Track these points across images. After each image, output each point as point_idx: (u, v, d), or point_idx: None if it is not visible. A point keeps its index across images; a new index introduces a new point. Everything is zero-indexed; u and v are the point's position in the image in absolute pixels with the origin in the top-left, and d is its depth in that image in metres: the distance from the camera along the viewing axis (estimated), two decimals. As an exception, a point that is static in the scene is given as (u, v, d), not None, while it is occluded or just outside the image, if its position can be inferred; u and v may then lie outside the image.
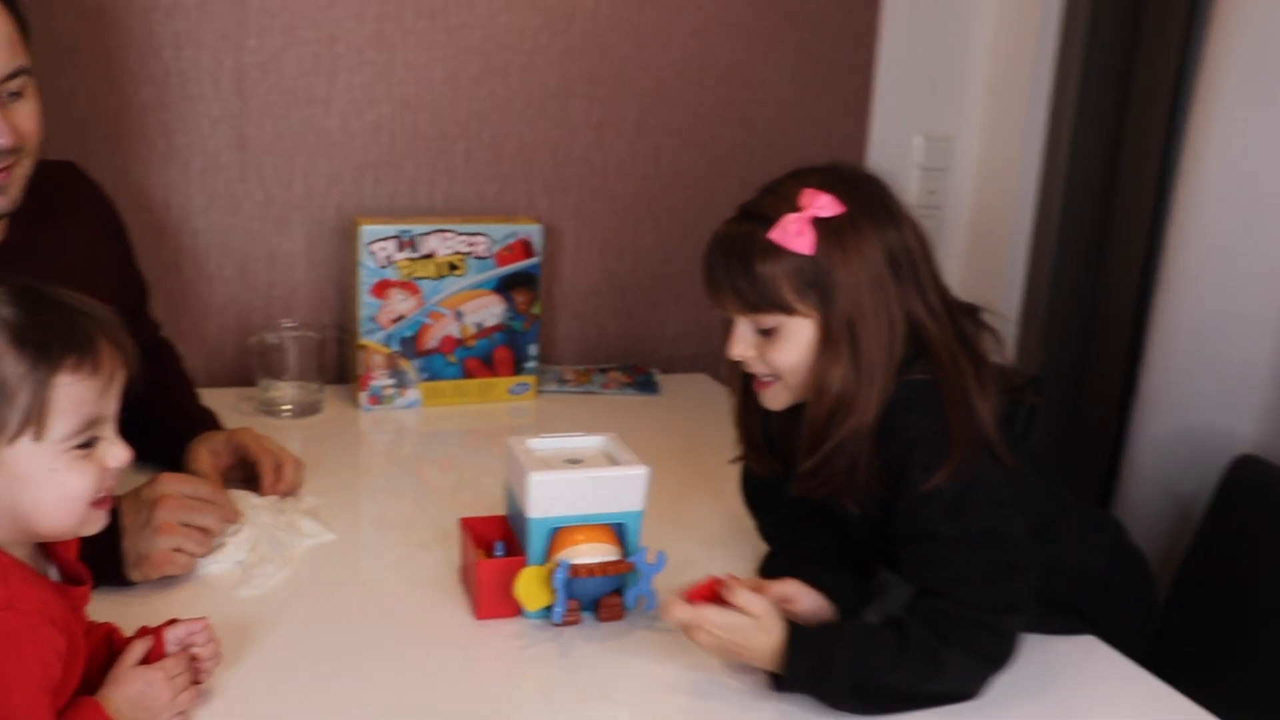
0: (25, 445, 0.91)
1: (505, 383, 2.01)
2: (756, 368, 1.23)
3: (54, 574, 1.02)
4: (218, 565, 1.34)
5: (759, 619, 1.12)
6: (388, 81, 1.97)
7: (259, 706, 1.10)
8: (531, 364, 2.02)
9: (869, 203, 1.18)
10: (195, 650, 1.08)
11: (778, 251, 1.16)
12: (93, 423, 0.94)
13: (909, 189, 2.31)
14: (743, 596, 1.13)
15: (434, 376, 1.96)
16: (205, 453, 1.52)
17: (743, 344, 1.22)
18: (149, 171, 1.90)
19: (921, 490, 1.14)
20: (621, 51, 2.06)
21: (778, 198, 1.19)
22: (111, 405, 0.97)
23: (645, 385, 2.10)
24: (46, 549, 1.02)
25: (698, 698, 1.15)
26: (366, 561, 1.42)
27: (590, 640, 1.23)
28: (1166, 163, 2.01)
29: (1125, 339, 2.14)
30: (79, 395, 0.92)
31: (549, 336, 2.17)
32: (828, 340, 1.17)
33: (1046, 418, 2.32)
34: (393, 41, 1.95)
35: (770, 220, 1.16)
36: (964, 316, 1.22)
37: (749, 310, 1.20)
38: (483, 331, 1.97)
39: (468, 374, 1.98)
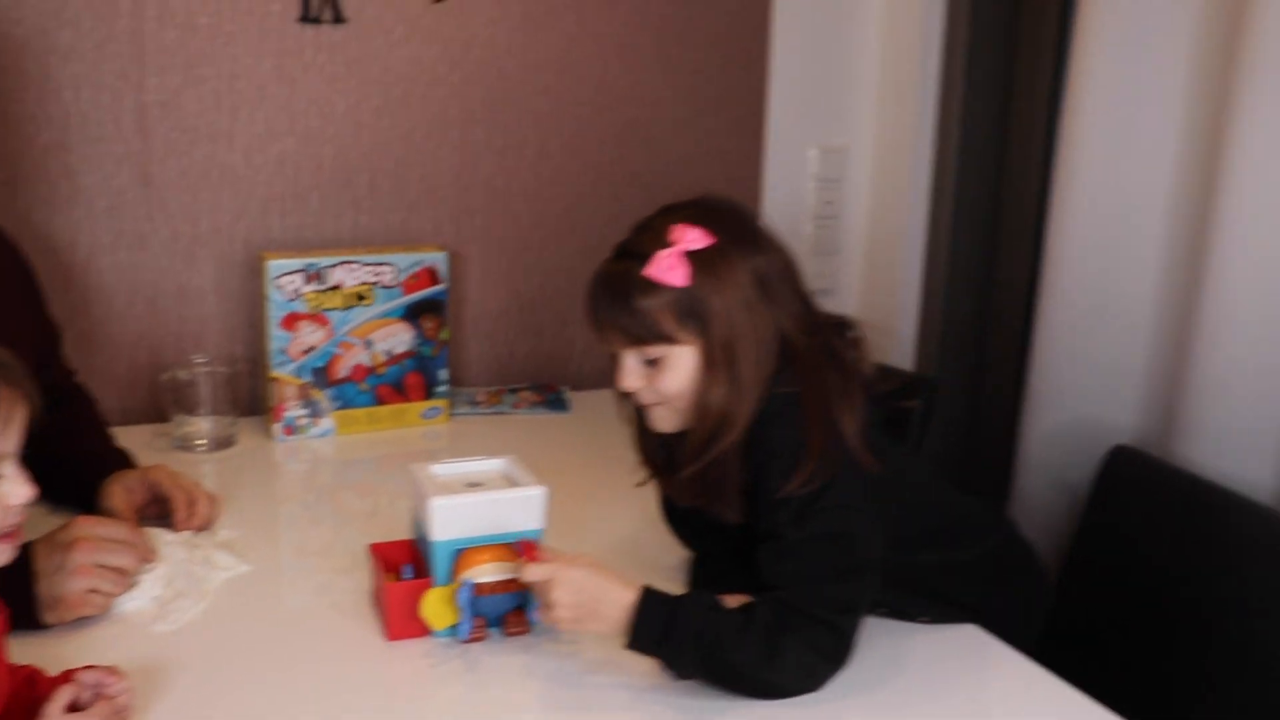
0: None
1: (417, 408, 2.05)
2: (646, 397, 1.31)
3: None
4: (134, 602, 1.37)
5: (606, 574, 1.20)
6: (290, 115, 2.00)
7: (174, 738, 1.14)
8: (443, 388, 2.06)
9: (736, 232, 1.27)
10: (111, 695, 1.11)
11: (654, 286, 1.23)
12: None
13: (806, 200, 2.40)
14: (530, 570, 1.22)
15: (347, 405, 1.99)
16: (119, 490, 1.54)
17: (631, 375, 1.29)
18: (53, 213, 1.92)
19: (775, 497, 1.22)
20: (519, 78, 2.12)
21: (650, 234, 1.27)
22: (8, 443, 1.00)
23: (555, 403, 2.15)
24: None
25: (605, 707, 1.20)
26: (282, 590, 1.45)
27: (497, 655, 1.28)
28: (1050, 168, 2.11)
29: (1017, 339, 2.24)
30: None
31: (461, 359, 2.21)
32: (709, 364, 1.25)
33: (949, 417, 2.41)
34: (293, 76, 1.98)
35: (645, 257, 1.24)
36: (831, 331, 1.31)
37: (634, 343, 1.27)
38: (393, 359, 2.01)
39: (380, 401, 2.02)
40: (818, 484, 1.21)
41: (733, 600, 1.26)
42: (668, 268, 1.23)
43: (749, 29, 2.25)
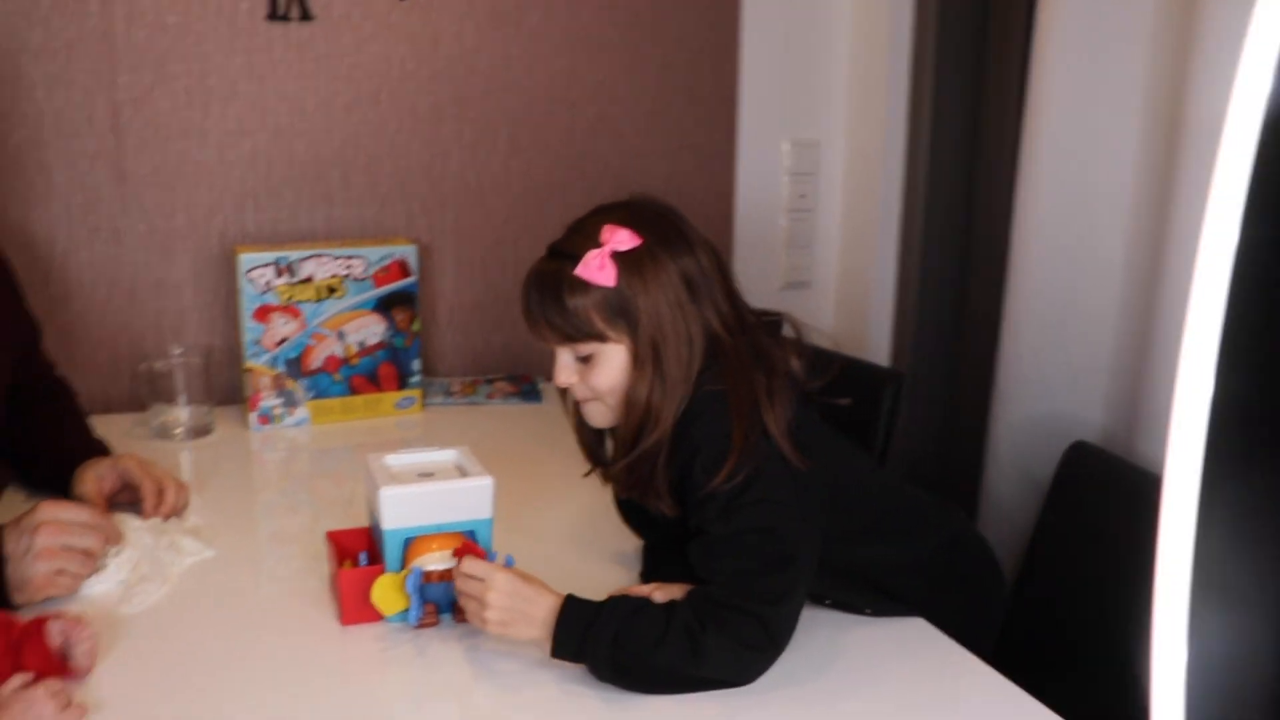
0: None
1: (391, 398, 2.09)
2: (580, 392, 1.36)
3: None
4: (100, 585, 1.41)
5: (535, 582, 1.25)
6: (261, 111, 2.04)
7: (131, 715, 1.17)
8: (415, 379, 2.10)
9: (664, 233, 1.30)
10: (75, 644, 1.18)
11: (585, 285, 1.27)
12: None
13: (780, 193, 2.42)
14: (468, 563, 1.27)
15: (321, 395, 2.03)
16: (91, 478, 1.59)
17: (565, 371, 1.34)
18: (29, 209, 1.96)
19: (701, 492, 1.25)
20: (488, 73, 2.15)
21: (581, 235, 1.31)
22: None
23: (529, 394, 2.19)
24: None
25: (549, 689, 1.24)
26: (245, 576, 1.49)
27: (447, 640, 1.31)
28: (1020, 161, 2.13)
29: (992, 333, 2.26)
30: None
31: (437, 350, 2.25)
32: (636, 361, 1.29)
33: (923, 412, 2.44)
34: (263, 73, 2.02)
35: (576, 257, 1.28)
36: (759, 330, 1.34)
37: (566, 340, 1.32)
38: (365, 350, 2.04)
39: (354, 391, 2.05)
40: (742, 478, 1.24)
41: (674, 592, 1.29)
42: (597, 268, 1.26)
43: (719, 22, 2.28)
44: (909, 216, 2.37)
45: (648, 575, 1.46)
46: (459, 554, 1.30)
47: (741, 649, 1.21)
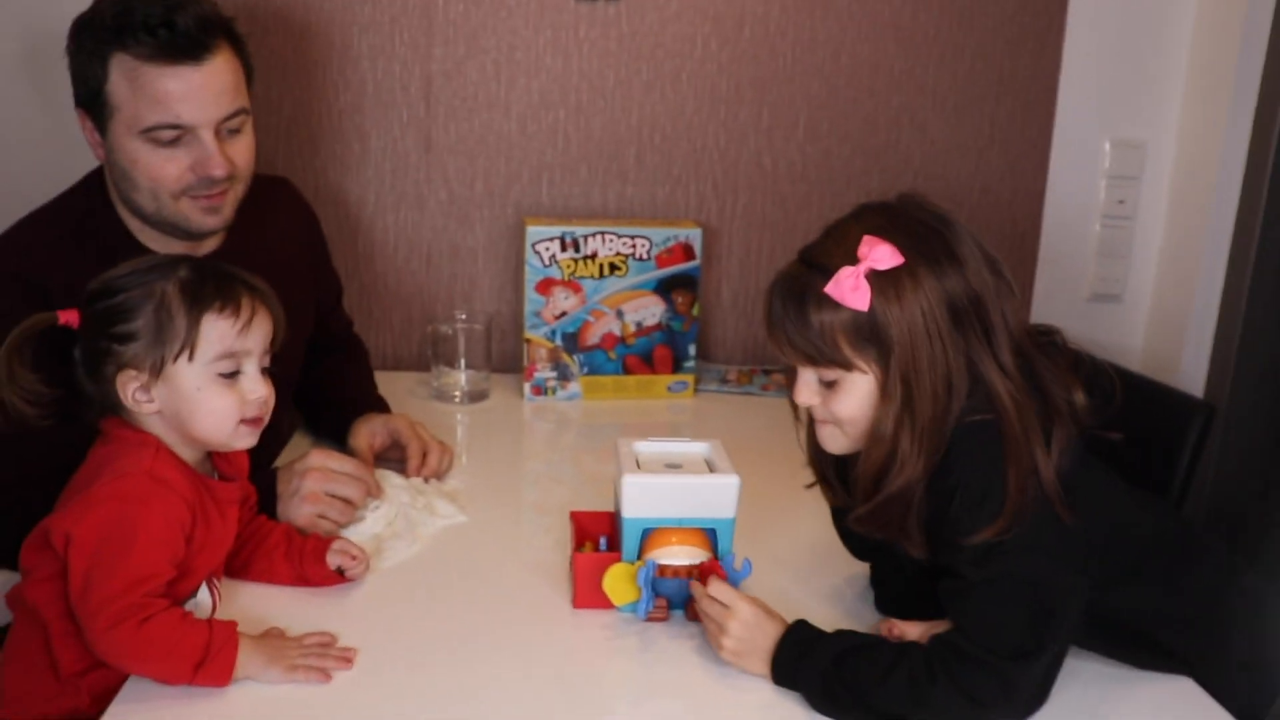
0: (182, 365, 1.20)
1: (664, 380, 2.08)
2: (819, 414, 1.24)
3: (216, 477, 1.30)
4: (355, 536, 1.46)
5: (770, 612, 1.20)
6: (563, 87, 2.07)
7: (364, 665, 1.21)
8: (690, 363, 2.08)
9: (931, 249, 1.15)
10: (348, 569, 1.36)
11: (833, 305, 1.14)
12: (232, 355, 1.22)
13: (1094, 198, 2.24)
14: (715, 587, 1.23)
15: (595, 371, 2.05)
16: (364, 432, 1.67)
17: (807, 391, 1.22)
18: (345, 172, 2.07)
19: (961, 540, 1.13)
20: (792, 57, 2.09)
21: (836, 244, 1.17)
22: (250, 345, 1.23)
23: (803, 388, 2.12)
24: (216, 464, 1.31)
25: (779, 695, 1.19)
26: (492, 545, 1.51)
27: (675, 638, 1.29)
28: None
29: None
30: (220, 330, 1.21)
31: (715, 336, 2.22)
32: (884, 394, 1.16)
33: (1243, 449, 2.20)
34: (568, 49, 2.04)
35: (827, 272, 1.15)
36: (1039, 358, 1.18)
37: (807, 361, 1.20)
38: (642, 330, 2.04)
39: (628, 370, 2.06)
40: (1006, 533, 1.12)
41: (911, 631, 1.21)
42: (850, 289, 1.13)
43: (1043, 8, 2.12)
44: (1243, 230, 2.13)
45: (881, 606, 1.38)
46: (703, 572, 1.27)
47: (968, 704, 1.11)
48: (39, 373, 1.18)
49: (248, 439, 1.27)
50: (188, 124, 1.44)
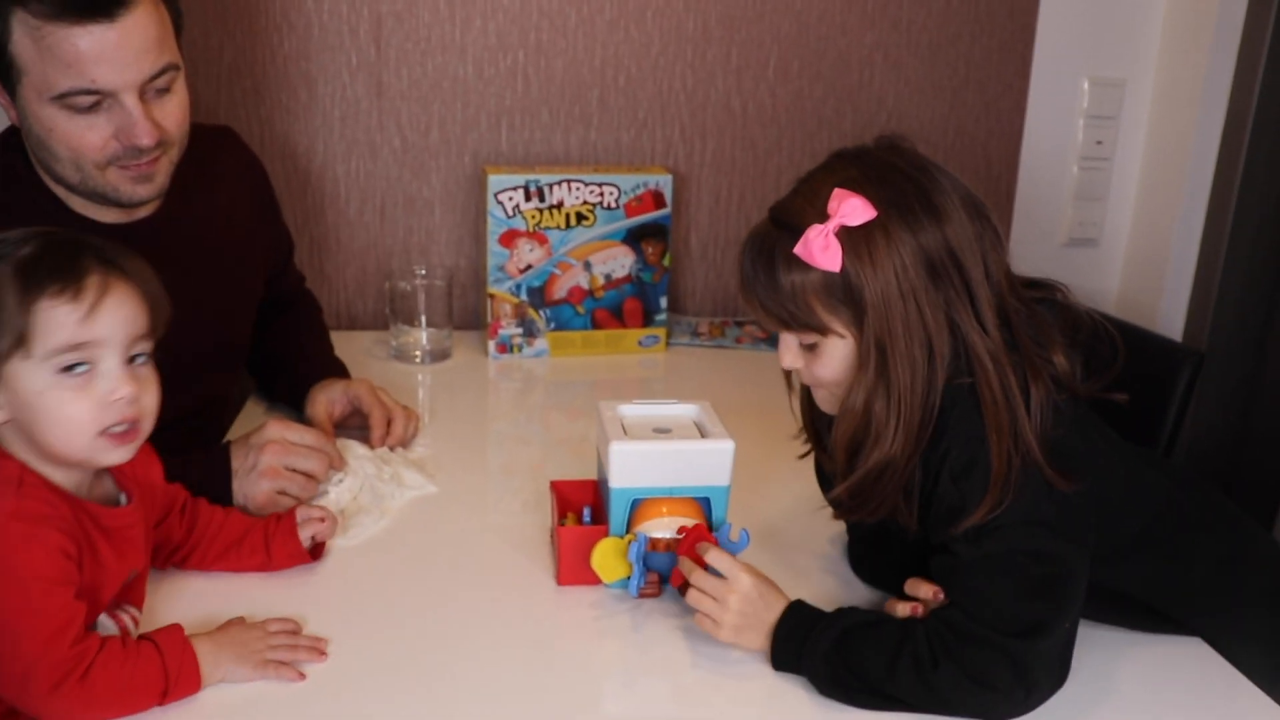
0: (17, 364, 1.00)
1: (635, 335, 1.99)
2: (805, 377, 1.17)
3: (123, 500, 1.11)
4: (318, 514, 1.38)
5: (771, 584, 1.13)
6: (522, 27, 1.95)
7: (337, 652, 1.13)
8: (661, 316, 1.99)
9: (906, 199, 1.06)
10: (318, 534, 1.26)
11: (804, 266, 1.06)
12: (77, 347, 1.00)
13: (1072, 138, 2.18)
14: (715, 555, 1.14)
15: (562, 327, 1.96)
16: (323, 400, 1.57)
17: (789, 354, 1.14)
18: (292, 121, 1.95)
19: (956, 522, 1.06)
20: (762, -6, 2.00)
21: (806, 201, 1.08)
22: (102, 334, 1.01)
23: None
24: (116, 479, 1.11)
25: (775, 676, 1.12)
26: (464, 516, 1.43)
27: (668, 615, 1.21)
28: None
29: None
30: (60, 318, 0.99)
31: (685, 286, 2.14)
32: (860, 362, 1.08)
33: (1221, 396, 2.17)
34: (527, -13, 1.93)
35: (797, 230, 1.07)
36: (1022, 319, 1.09)
37: (780, 325, 1.12)
38: (611, 283, 1.95)
39: (597, 325, 1.97)
40: (1001, 506, 1.05)
41: (908, 596, 1.13)
42: (820, 249, 1.04)
43: (1021, -57, 2.05)
44: (1224, 171, 2.08)
45: (856, 565, 1.31)
46: (689, 540, 1.17)
47: (978, 689, 1.03)
48: None
49: (115, 453, 1.04)
50: (106, 89, 1.25)
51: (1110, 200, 2.22)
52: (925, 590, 1.11)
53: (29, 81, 1.25)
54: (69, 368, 1.00)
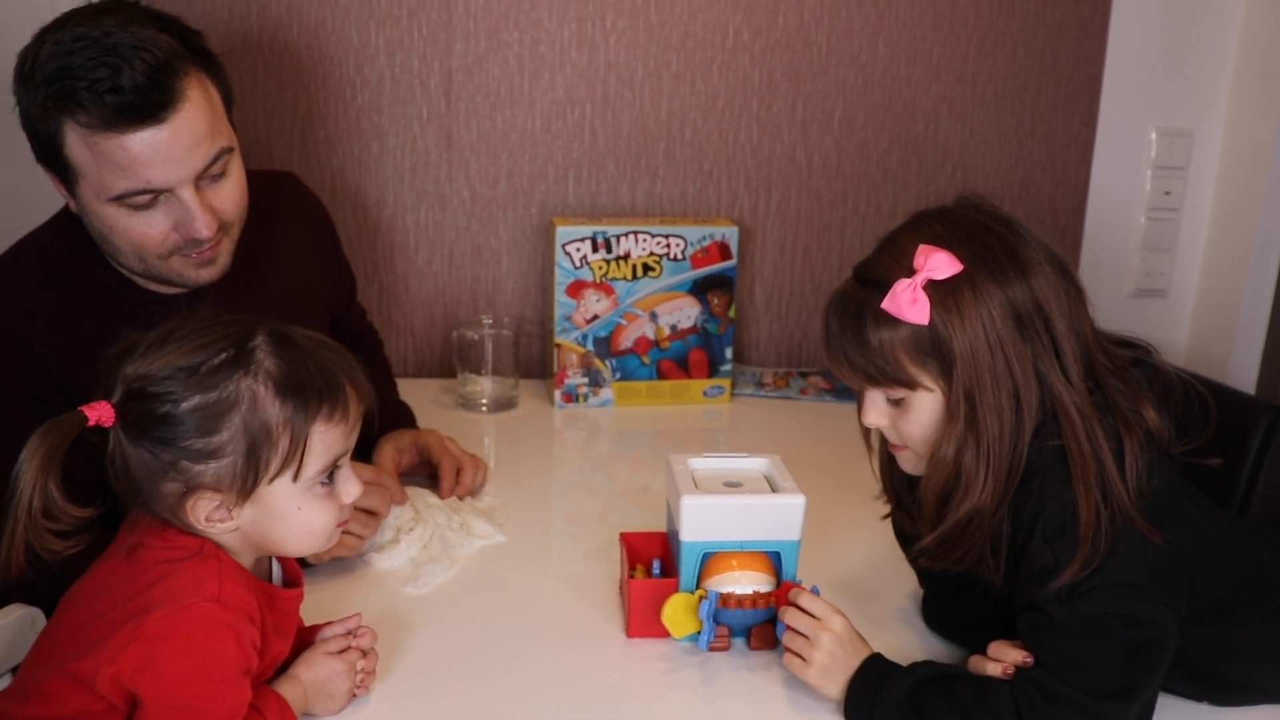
0: (282, 485, 1.00)
1: (700, 385, 2.00)
2: (890, 436, 1.16)
3: (277, 572, 1.12)
4: (390, 561, 1.39)
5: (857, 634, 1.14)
6: (589, 81, 1.98)
7: (406, 701, 1.14)
8: (726, 367, 2.00)
9: (992, 255, 1.07)
10: (359, 644, 1.14)
11: (892, 321, 1.07)
12: (337, 461, 1.03)
13: (1139, 189, 2.16)
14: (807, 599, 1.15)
15: (628, 377, 1.97)
16: (390, 450, 1.58)
17: (875, 411, 1.14)
18: (364, 172, 1.99)
19: (1046, 582, 1.05)
20: (826, 46, 2.01)
21: (892, 258, 1.09)
22: (352, 443, 1.05)
23: (845, 392, 2.04)
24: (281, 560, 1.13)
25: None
26: (532, 566, 1.44)
27: (737, 669, 1.21)
28: None
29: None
30: (330, 439, 1.01)
31: (749, 337, 2.14)
32: (949, 415, 1.09)
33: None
34: (594, 41, 1.96)
35: (883, 286, 1.08)
36: (1110, 374, 1.09)
37: (868, 382, 1.13)
38: (677, 333, 1.96)
39: (662, 375, 1.98)
40: (1091, 566, 1.04)
41: (993, 658, 1.12)
42: (908, 302, 1.05)
43: (1088, -7, 2.04)
44: (1298, 223, 2.05)
45: (927, 617, 1.30)
46: (782, 590, 1.19)
47: None
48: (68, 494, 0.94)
49: (334, 542, 1.10)
50: (161, 187, 1.25)
51: (1179, 251, 2.20)
52: (1014, 655, 1.10)
53: (86, 183, 1.26)
54: (326, 478, 1.03)
